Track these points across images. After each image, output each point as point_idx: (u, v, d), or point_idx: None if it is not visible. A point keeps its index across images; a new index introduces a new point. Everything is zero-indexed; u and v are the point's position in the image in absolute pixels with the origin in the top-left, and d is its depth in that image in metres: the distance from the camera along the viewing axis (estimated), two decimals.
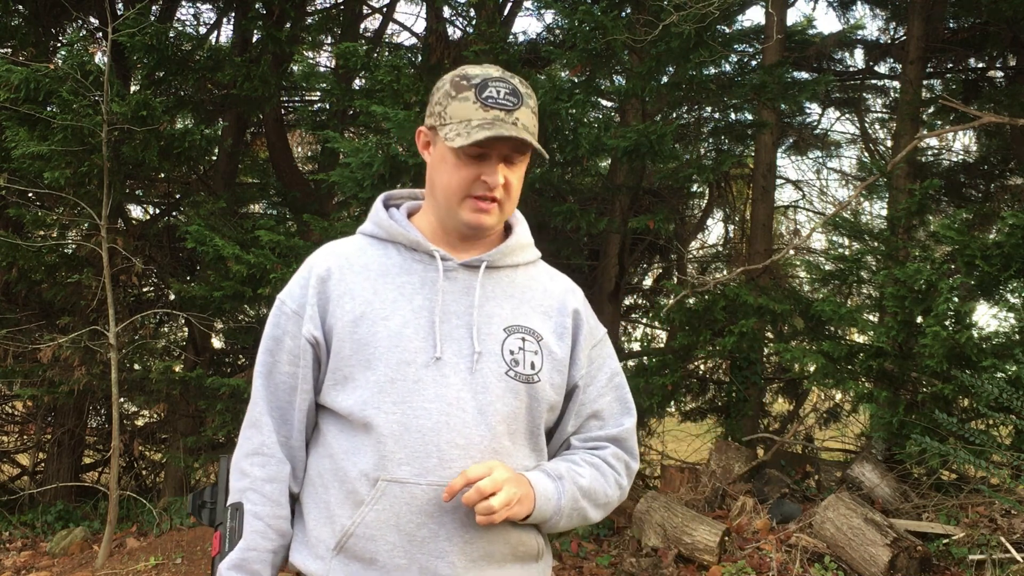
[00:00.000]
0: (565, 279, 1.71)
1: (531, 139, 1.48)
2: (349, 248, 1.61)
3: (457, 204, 1.52)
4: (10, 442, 8.66)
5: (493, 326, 1.54)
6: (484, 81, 1.49)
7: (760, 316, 5.62)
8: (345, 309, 1.52)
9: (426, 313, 1.51)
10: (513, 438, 1.53)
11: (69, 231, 6.90)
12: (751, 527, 4.79)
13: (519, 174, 1.55)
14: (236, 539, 1.50)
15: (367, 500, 1.45)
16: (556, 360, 1.58)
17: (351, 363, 1.49)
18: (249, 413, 1.58)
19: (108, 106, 5.38)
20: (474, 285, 1.55)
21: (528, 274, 1.64)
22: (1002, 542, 4.15)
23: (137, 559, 5.35)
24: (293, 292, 1.58)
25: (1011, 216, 4.75)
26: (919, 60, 6.86)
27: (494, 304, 1.56)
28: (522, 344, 1.55)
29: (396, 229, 1.58)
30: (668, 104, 6.45)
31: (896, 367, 5.18)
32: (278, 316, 1.59)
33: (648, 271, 9.70)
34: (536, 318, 1.59)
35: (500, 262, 1.60)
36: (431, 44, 7.07)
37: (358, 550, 1.45)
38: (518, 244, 1.63)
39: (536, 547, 1.57)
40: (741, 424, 6.44)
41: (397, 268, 1.56)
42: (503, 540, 1.50)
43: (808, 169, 13.14)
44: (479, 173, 1.49)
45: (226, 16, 8.44)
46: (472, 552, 1.47)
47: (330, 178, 5.41)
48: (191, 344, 7.07)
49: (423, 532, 1.44)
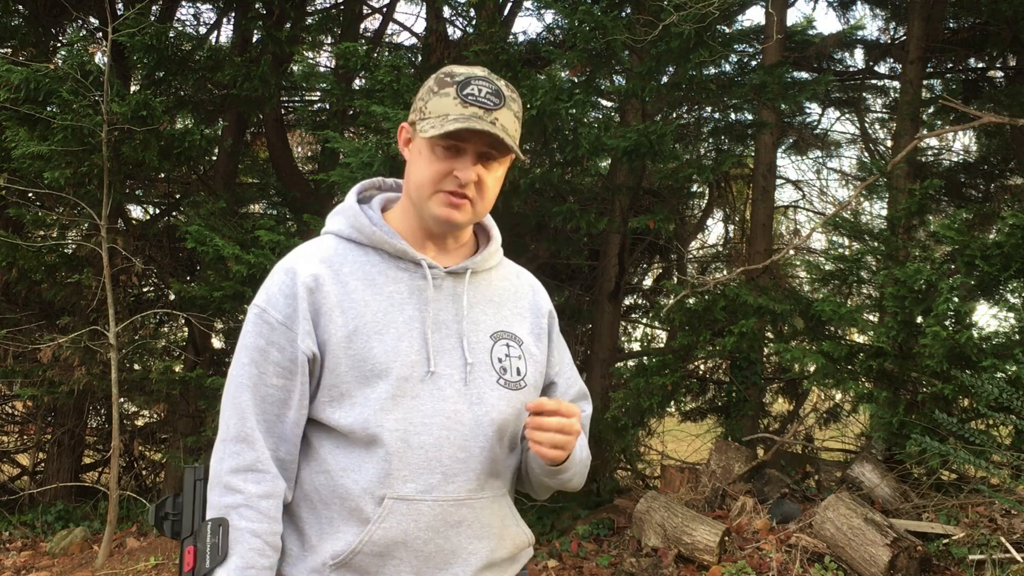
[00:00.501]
0: (527, 275, 1.72)
1: (505, 138, 1.46)
2: (328, 253, 1.53)
3: (428, 197, 1.49)
4: (10, 442, 8.66)
5: (480, 333, 1.54)
6: (467, 79, 1.48)
7: (760, 316, 5.62)
8: (337, 324, 1.46)
9: (418, 324, 1.49)
10: (507, 443, 1.55)
11: (69, 231, 6.90)
12: (751, 527, 4.79)
13: (495, 176, 1.53)
14: (219, 557, 1.42)
15: (373, 518, 1.43)
16: (537, 362, 1.61)
17: (347, 379, 1.46)
18: (233, 427, 1.48)
19: (108, 106, 5.38)
20: (461, 292, 1.55)
21: (500, 275, 1.65)
22: (1002, 542, 4.15)
23: (137, 559, 5.35)
24: (276, 302, 1.48)
25: (1011, 216, 4.74)
26: (919, 60, 6.85)
27: (478, 311, 1.57)
28: (507, 351, 1.56)
29: (379, 236, 1.53)
30: (668, 104, 6.45)
31: (896, 367, 5.18)
32: (259, 325, 1.49)
33: (648, 271, 9.69)
34: (515, 321, 1.61)
35: (481, 267, 1.60)
36: (431, 44, 7.07)
37: (364, 566, 1.45)
38: (496, 248, 1.64)
39: (526, 541, 1.61)
40: (741, 424, 6.44)
41: (383, 277, 1.52)
42: (503, 545, 1.54)
43: (808, 169, 13.15)
44: (452, 168, 1.47)
45: (226, 16, 8.44)
46: (476, 562, 1.49)
47: (330, 178, 5.41)
48: (191, 344, 7.07)
49: (430, 548, 1.45)
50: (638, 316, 9.47)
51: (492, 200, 1.55)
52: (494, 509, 1.52)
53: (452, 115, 1.45)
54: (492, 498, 1.52)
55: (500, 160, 1.52)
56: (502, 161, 1.53)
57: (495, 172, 1.52)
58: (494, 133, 1.44)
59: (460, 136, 1.46)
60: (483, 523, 1.50)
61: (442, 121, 1.45)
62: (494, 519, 1.52)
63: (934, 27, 7.26)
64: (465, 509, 1.47)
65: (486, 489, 1.50)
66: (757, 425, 7.05)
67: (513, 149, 1.49)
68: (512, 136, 1.49)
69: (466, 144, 1.47)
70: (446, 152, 1.47)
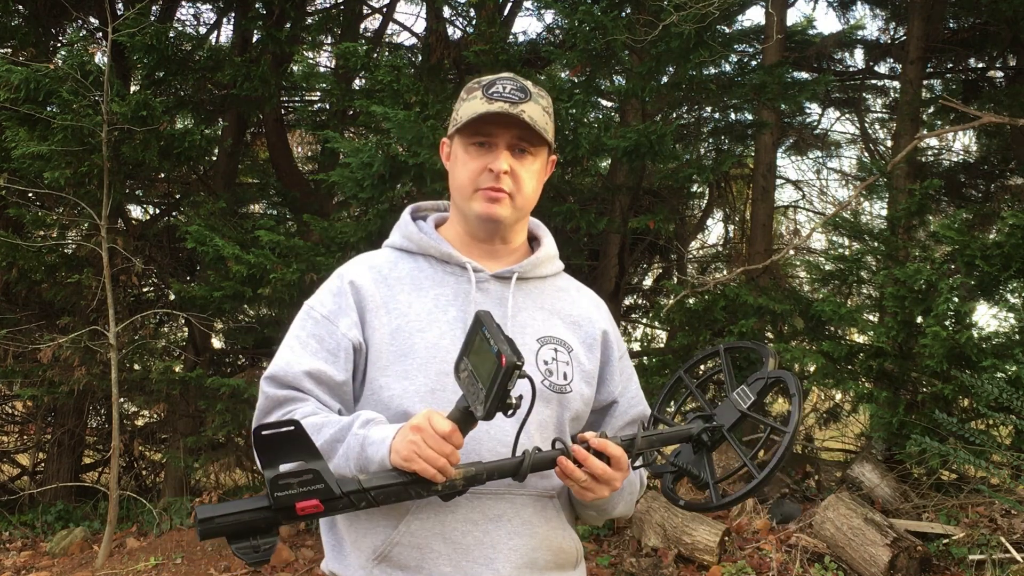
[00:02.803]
0: (591, 293, 1.74)
1: (533, 124, 1.50)
2: (380, 260, 1.62)
3: (469, 197, 1.55)
4: (10, 442, 8.66)
5: (527, 336, 1.56)
6: (493, 80, 1.54)
7: (760, 316, 5.62)
8: (382, 321, 1.53)
9: (460, 325, 1.53)
10: (548, 445, 1.54)
11: (69, 231, 6.90)
12: (751, 527, 4.79)
13: (530, 169, 1.56)
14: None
15: (411, 509, 1.45)
16: (585, 372, 1.61)
17: (388, 374, 1.50)
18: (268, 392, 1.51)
19: (108, 106, 5.38)
20: (506, 296, 1.57)
21: (556, 285, 1.67)
22: (1002, 542, 4.15)
23: (137, 559, 5.35)
24: (324, 300, 1.57)
25: (1011, 216, 4.74)
26: (919, 60, 6.85)
27: (526, 315, 1.59)
28: (555, 355, 1.57)
29: (426, 241, 1.59)
30: (668, 104, 6.45)
31: (896, 367, 5.18)
32: (304, 320, 1.57)
33: (648, 271, 9.69)
34: (566, 330, 1.62)
35: (530, 273, 1.62)
36: (431, 44, 7.06)
37: (403, 559, 1.46)
38: (546, 256, 1.66)
39: (575, 553, 1.59)
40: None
41: (430, 280, 1.57)
42: (546, 547, 1.53)
43: (808, 169, 13.10)
44: (486, 164, 1.52)
45: (226, 16, 8.43)
46: (517, 559, 1.49)
47: (330, 178, 5.41)
48: (191, 344, 7.07)
49: (468, 540, 1.45)
50: (638, 316, 9.47)
51: (532, 195, 1.58)
52: (537, 508, 1.52)
53: (480, 112, 1.50)
54: (535, 497, 1.52)
55: (534, 153, 1.56)
56: (536, 154, 1.56)
57: (529, 165, 1.55)
58: (520, 119, 1.49)
59: (487, 126, 1.50)
60: (524, 519, 1.50)
61: (469, 118, 1.51)
62: (537, 518, 1.52)
63: (934, 27, 7.25)
64: (504, 504, 1.48)
65: (528, 486, 1.50)
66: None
67: (544, 138, 1.53)
68: (542, 127, 1.53)
69: (496, 138, 1.52)
70: (479, 149, 1.53)
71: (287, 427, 1.28)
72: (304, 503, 1.30)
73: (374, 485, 1.34)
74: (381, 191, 5.20)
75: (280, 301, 5.59)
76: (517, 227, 1.62)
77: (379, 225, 5.19)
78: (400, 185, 5.33)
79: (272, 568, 5.04)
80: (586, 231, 5.60)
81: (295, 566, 5.07)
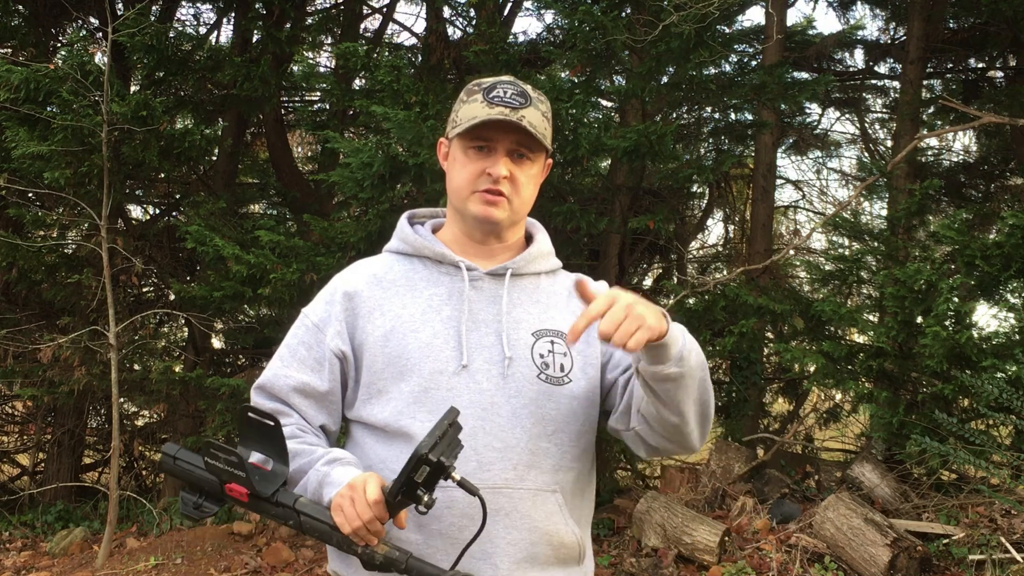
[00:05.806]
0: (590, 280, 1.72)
1: (532, 131, 1.51)
2: (376, 266, 1.65)
3: (466, 199, 1.56)
4: (10, 442, 8.66)
5: (521, 331, 1.57)
6: (493, 84, 1.55)
7: (760, 316, 5.62)
8: (375, 324, 1.55)
9: (455, 324, 1.54)
10: (554, 439, 1.54)
11: (69, 231, 6.89)
12: (751, 527, 4.79)
13: (528, 173, 1.57)
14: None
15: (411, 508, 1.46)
16: (586, 357, 1.60)
17: (384, 376, 1.53)
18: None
19: (108, 106, 5.38)
20: (501, 293, 1.59)
21: (551, 280, 1.68)
22: (1002, 542, 4.16)
23: (137, 559, 5.35)
24: (317, 308, 1.62)
25: (1011, 216, 4.74)
26: (919, 60, 6.85)
27: (521, 310, 1.59)
28: (551, 347, 1.57)
29: (421, 243, 1.62)
30: (668, 104, 6.45)
31: (896, 367, 5.18)
32: (297, 327, 1.63)
33: (648, 271, 9.69)
34: (562, 320, 1.61)
35: (524, 269, 1.63)
36: (431, 44, 7.06)
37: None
38: (540, 252, 1.67)
39: (578, 548, 1.58)
40: (741, 424, 6.44)
41: (424, 281, 1.59)
42: (546, 542, 1.52)
43: (808, 169, 13.12)
44: (484, 167, 1.54)
45: (226, 16, 8.43)
46: (515, 554, 1.49)
47: (330, 178, 5.41)
48: (191, 344, 7.07)
49: (466, 535, 1.45)
50: None
51: (529, 198, 1.60)
52: (537, 503, 1.51)
53: (480, 116, 1.51)
54: (535, 491, 1.52)
55: (532, 158, 1.57)
56: (534, 159, 1.58)
57: (528, 170, 1.57)
58: (519, 125, 1.50)
59: (487, 130, 1.52)
60: (522, 513, 1.50)
61: (470, 123, 1.52)
62: (536, 512, 1.51)
63: (934, 27, 7.25)
64: (502, 498, 1.48)
65: (527, 481, 1.50)
66: (757, 425, 7.05)
67: (542, 143, 1.54)
68: (542, 133, 1.54)
69: (495, 143, 1.53)
70: (478, 153, 1.54)
71: (269, 421, 1.38)
72: (232, 485, 1.37)
73: (307, 512, 1.40)
74: (381, 191, 5.20)
75: (280, 301, 5.58)
76: (513, 228, 1.64)
77: (379, 225, 5.19)
78: (400, 185, 5.33)
79: (272, 568, 5.04)
80: (586, 231, 5.59)
81: (295, 566, 5.07)
